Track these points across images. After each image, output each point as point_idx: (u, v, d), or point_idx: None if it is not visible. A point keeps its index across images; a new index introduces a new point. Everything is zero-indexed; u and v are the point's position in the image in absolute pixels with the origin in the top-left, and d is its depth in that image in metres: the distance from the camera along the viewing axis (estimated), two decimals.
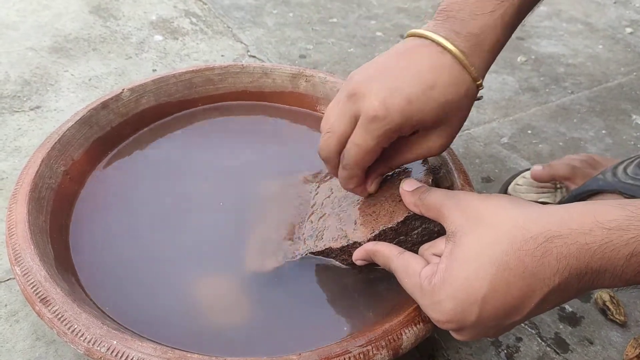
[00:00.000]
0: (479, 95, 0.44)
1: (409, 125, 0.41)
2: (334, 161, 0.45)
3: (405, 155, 0.45)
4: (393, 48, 0.44)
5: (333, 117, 0.43)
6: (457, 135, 0.45)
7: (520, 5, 0.42)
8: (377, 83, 0.41)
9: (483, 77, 0.43)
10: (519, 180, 0.66)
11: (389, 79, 0.41)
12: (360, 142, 0.42)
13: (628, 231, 0.32)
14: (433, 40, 0.42)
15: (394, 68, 0.42)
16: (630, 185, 0.54)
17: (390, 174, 0.49)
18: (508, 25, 0.42)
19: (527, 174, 0.66)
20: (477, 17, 0.42)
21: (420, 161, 0.50)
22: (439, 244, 0.41)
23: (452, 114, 0.42)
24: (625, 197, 0.54)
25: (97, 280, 0.47)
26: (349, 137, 0.43)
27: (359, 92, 0.41)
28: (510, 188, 0.66)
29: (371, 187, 0.47)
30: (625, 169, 0.56)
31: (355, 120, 0.42)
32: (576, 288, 0.34)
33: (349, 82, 0.43)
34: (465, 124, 0.67)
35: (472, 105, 0.44)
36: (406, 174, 0.48)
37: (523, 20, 0.45)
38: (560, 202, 0.62)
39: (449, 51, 0.41)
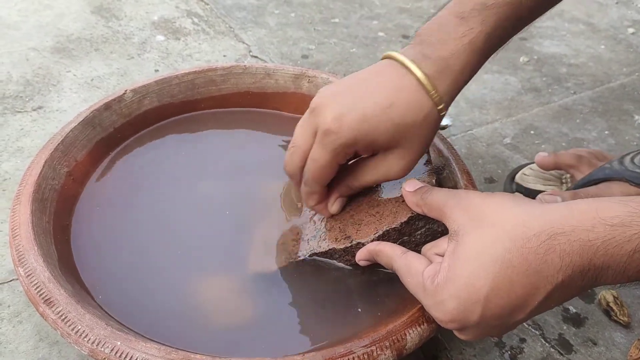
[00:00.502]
0: (443, 124, 0.44)
1: (364, 143, 0.42)
2: (297, 176, 0.46)
3: (365, 177, 0.45)
4: (365, 68, 0.45)
5: (297, 132, 0.44)
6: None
7: (490, 32, 0.42)
8: (336, 99, 0.42)
9: (448, 105, 0.43)
10: (525, 170, 0.67)
11: (348, 96, 0.42)
12: (316, 156, 0.43)
13: (631, 227, 0.32)
14: (400, 62, 0.42)
15: (357, 86, 0.43)
16: (637, 174, 0.55)
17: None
18: (478, 51, 0.43)
19: (534, 165, 0.66)
20: (447, 42, 0.42)
21: (423, 161, 0.50)
22: (441, 244, 0.41)
23: (409, 137, 0.42)
24: (632, 185, 0.55)
25: (100, 280, 0.47)
26: None
27: (319, 107, 0.42)
28: (517, 177, 0.67)
29: (332, 207, 0.48)
30: (632, 159, 0.57)
31: (315, 135, 0.43)
32: (579, 285, 0.34)
33: (315, 97, 0.43)
34: (467, 124, 0.66)
35: (433, 132, 0.44)
36: None
37: (499, 49, 0.45)
38: (568, 190, 0.62)
39: (412, 73, 0.41)
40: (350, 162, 0.46)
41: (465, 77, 0.43)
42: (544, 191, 0.60)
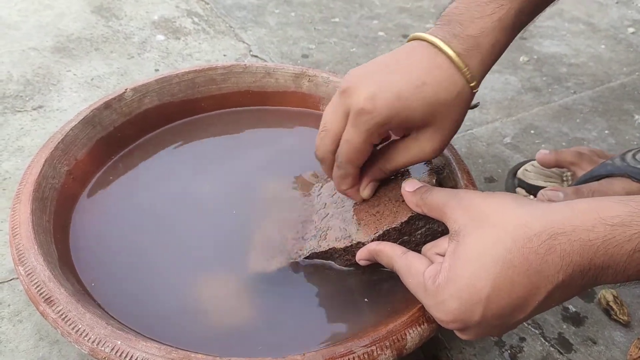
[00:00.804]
0: (474, 102, 0.44)
1: (397, 121, 0.42)
2: (329, 160, 0.45)
3: (398, 159, 0.45)
4: (392, 50, 0.45)
5: (327, 115, 0.44)
6: (455, 137, 0.45)
7: (520, 9, 0.42)
8: (368, 79, 0.42)
9: (479, 82, 0.43)
10: (527, 166, 0.67)
11: (380, 76, 0.42)
12: (349, 137, 0.42)
13: (631, 227, 0.32)
14: (429, 42, 0.42)
15: (388, 66, 0.43)
16: (639, 170, 0.55)
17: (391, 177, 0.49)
18: (507, 28, 0.43)
19: (536, 162, 0.67)
20: (475, 20, 0.42)
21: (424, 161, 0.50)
22: (442, 244, 0.41)
23: (442, 115, 0.42)
24: (634, 181, 0.55)
25: (100, 280, 0.47)
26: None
27: (350, 88, 0.42)
28: (519, 172, 0.67)
29: (364, 191, 0.47)
30: (634, 155, 0.57)
31: (347, 117, 0.42)
32: (580, 284, 0.34)
33: (344, 79, 0.43)
34: (467, 123, 0.66)
35: (465, 109, 0.44)
36: (408, 175, 0.48)
37: (529, 24, 0.45)
38: (570, 186, 0.62)
39: (443, 52, 0.41)
40: (380, 146, 0.46)
41: (495, 54, 0.43)
42: (545, 187, 0.60)
